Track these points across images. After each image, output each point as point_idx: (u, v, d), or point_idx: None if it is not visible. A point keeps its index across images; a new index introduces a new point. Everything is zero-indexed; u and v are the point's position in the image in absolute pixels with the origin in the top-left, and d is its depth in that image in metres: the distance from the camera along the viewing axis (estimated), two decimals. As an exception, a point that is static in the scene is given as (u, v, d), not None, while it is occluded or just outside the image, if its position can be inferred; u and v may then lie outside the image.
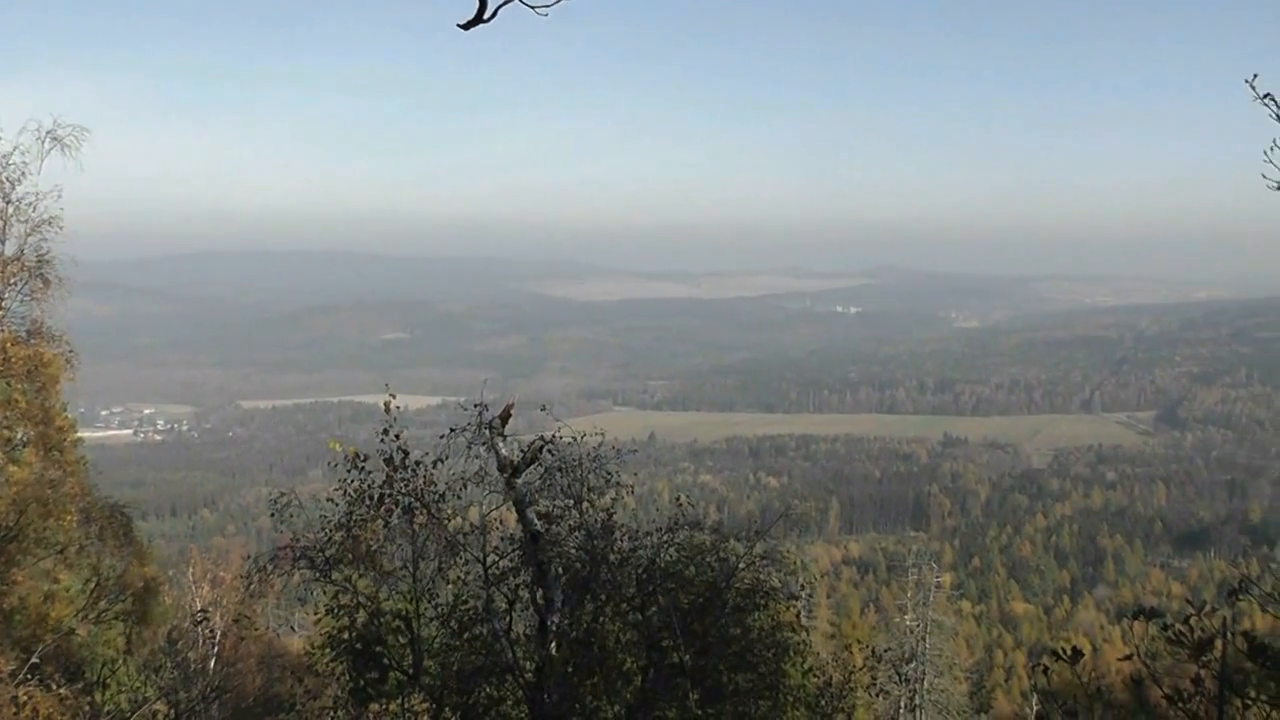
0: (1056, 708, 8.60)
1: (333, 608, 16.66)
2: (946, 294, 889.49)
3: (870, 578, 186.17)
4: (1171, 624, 7.87)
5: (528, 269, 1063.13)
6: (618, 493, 17.30)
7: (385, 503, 16.38)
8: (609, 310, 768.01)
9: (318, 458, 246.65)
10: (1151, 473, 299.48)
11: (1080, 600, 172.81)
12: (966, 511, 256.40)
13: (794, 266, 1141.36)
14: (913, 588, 58.59)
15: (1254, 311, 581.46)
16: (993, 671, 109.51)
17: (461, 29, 5.96)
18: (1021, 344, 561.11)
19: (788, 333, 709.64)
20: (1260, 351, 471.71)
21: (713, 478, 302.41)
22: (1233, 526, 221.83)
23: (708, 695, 16.55)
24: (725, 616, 17.00)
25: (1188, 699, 7.88)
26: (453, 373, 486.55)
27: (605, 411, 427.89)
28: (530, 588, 16.72)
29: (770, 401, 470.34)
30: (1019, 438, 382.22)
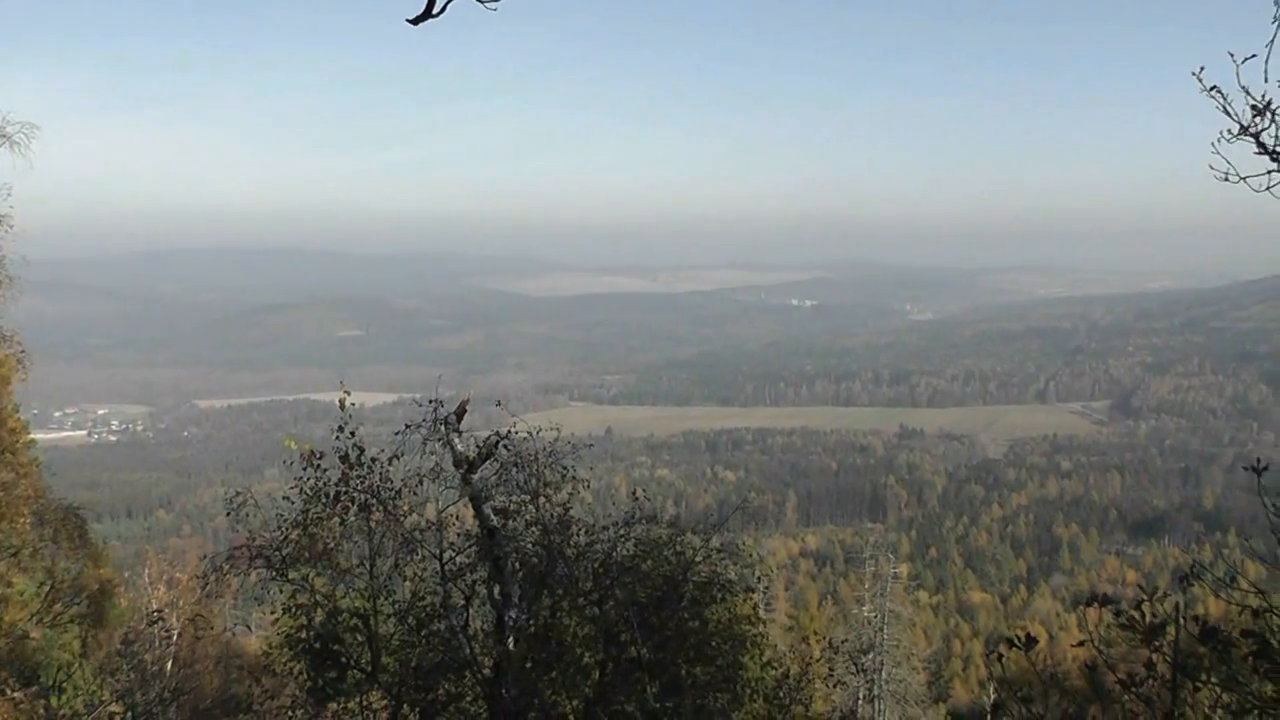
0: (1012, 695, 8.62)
1: (290, 607, 16.59)
2: (901, 286, 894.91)
3: (828, 569, 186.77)
4: (1124, 610, 7.90)
5: (483, 265, 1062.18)
6: (574, 487, 17.27)
7: (341, 500, 16.30)
8: (565, 305, 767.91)
9: (274, 456, 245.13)
10: (1106, 461, 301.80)
11: (1036, 589, 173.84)
12: (923, 502, 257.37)
13: (749, 260, 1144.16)
14: (870, 579, 58.78)
15: (1206, 301, 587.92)
16: (950, 661, 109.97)
17: (411, 24, 5.91)
18: (976, 335, 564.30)
19: (743, 326, 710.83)
20: (1212, 341, 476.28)
21: (670, 472, 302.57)
22: (1186, 514, 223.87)
23: (666, 688, 16.53)
24: (682, 610, 16.97)
25: (1140, 683, 7.91)
26: (409, 369, 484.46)
27: (562, 406, 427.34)
28: (487, 583, 16.67)
29: (726, 395, 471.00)
30: (975, 428, 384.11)
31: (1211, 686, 7.88)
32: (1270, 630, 7.67)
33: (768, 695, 18.31)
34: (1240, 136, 7.62)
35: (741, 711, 17.63)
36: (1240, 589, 8.12)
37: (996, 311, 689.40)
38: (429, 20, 5.85)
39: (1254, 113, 7.54)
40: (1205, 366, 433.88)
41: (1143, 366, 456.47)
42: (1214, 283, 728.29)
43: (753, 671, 18.47)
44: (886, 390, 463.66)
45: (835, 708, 46.85)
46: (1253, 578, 9.57)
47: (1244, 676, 7.76)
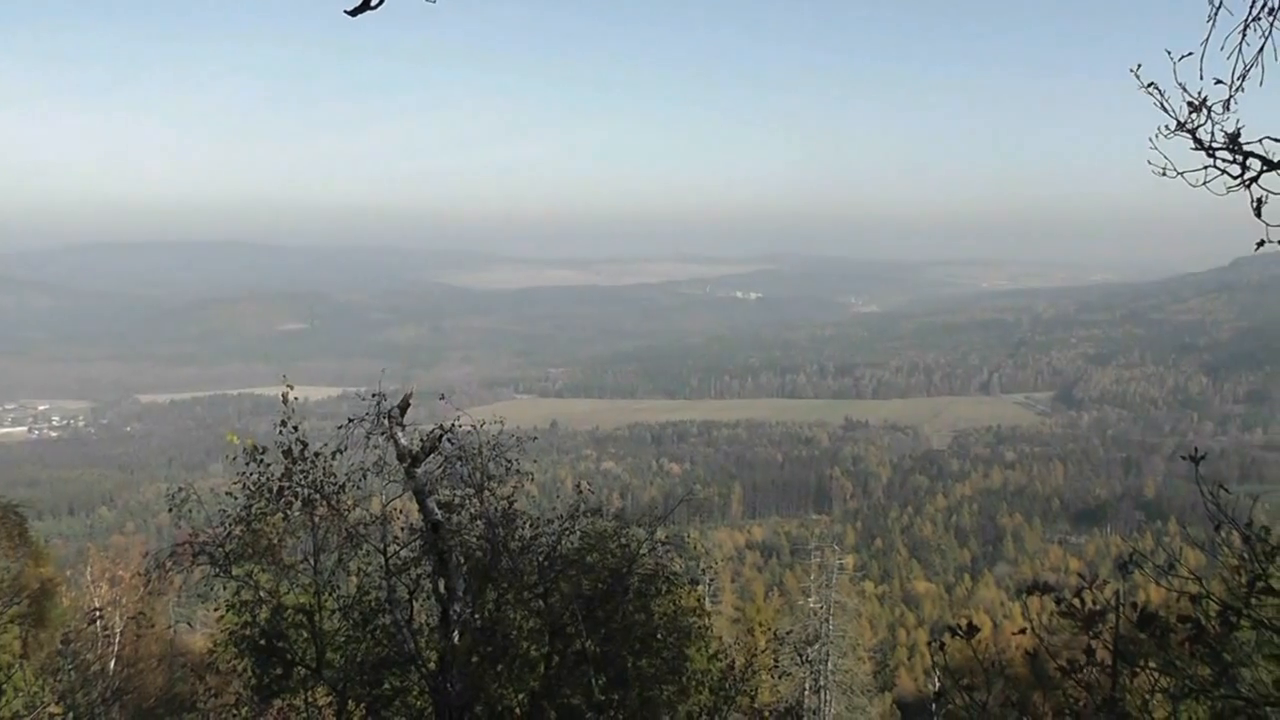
0: (955, 684, 8.72)
1: (234, 604, 16.49)
2: (845, 279, 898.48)
3: (774, 561, 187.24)
4: (1065, 598, 8.02)
5: (426, 258, 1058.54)
6: (519, 481, 17.25)
7: (285, 495, 16.20)
8: (509, 298, 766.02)
9: (218, 452, 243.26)
10: (1049, 452, 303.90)
11: (981, 578, 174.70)
12: (868, 493, 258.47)
13: (693, 253, 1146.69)
14: (816, 570, 59.05)
15: (1147, 294, 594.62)
16: (896, 650, 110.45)
17: (349, 15, 5.92)
18: (920, 328, 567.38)
19: (688, 319, 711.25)
20: (1153, 332, 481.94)
21: (615, 464, 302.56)
22: (1128, 502, 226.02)
23: (612, 681, 16.55)
24: (628, 602, 16.99)
25: (1080, 669, 8.02)
26: (352, 363, 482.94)
27: (507, 400, 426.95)
28: (432, 577, 16.60)
29: (672, 388, 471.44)
30: (919, 420, 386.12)
31: (1150, 671, 8.01)
32: (1207, 616, 7.81)
33: (713, 687, 18.36)
34: (1177, 133, 7.74)
35: (688, 703, 17.67)
36: (1179, 576, 8.24)
37: (940, 304, 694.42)
38: (367, 11, 5.86)
39: (1191, 109, 7.65)
40: (1146, 358, 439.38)
41: (1085, 358, 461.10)
42: (1154, 276, 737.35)
43: (699, 663, 18.51)
44: (831, 382, 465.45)
45: (781, 699, 47.03)
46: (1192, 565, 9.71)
47: (1181, 661, 7.91)
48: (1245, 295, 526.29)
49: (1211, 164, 7.73)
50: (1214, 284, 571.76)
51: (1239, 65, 7.53)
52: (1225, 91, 7.62)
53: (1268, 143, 7.55)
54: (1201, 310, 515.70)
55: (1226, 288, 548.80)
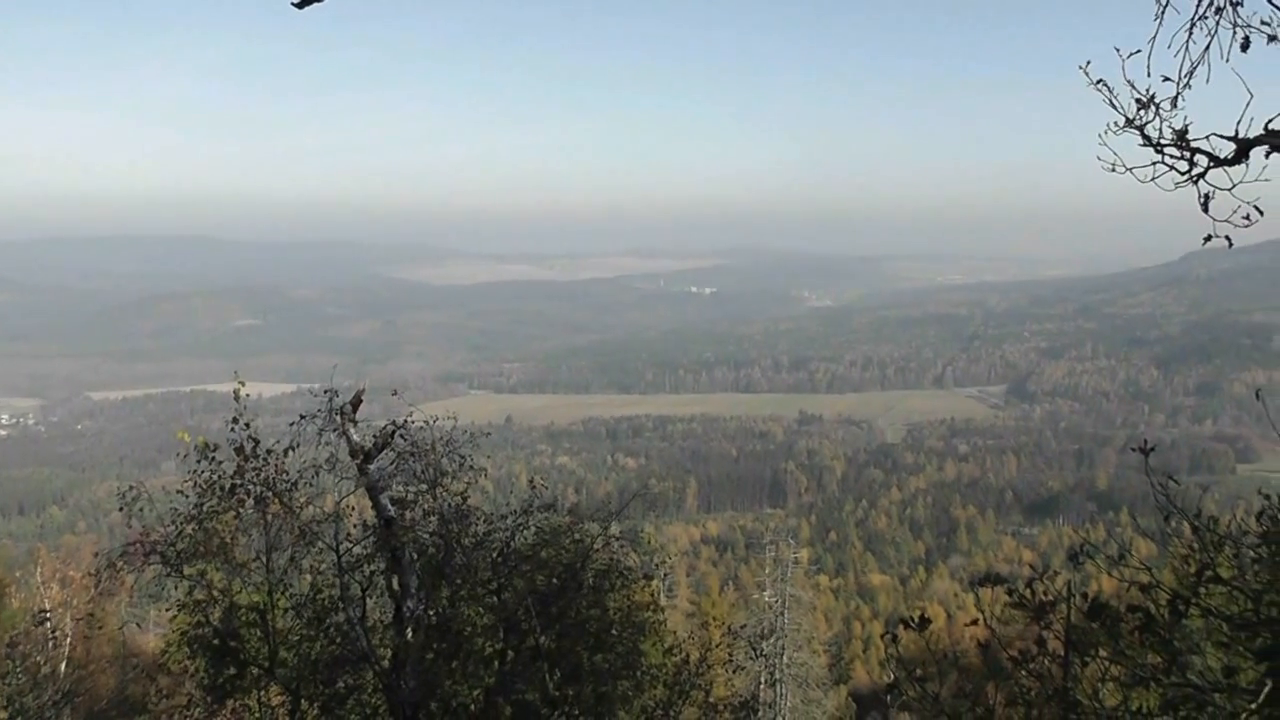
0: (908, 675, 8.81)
1: (186, 603, 16.39)
2: (800, 274, 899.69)
3: (729, 555, 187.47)
4: (1016, 589, 8.12)
5: (380, 253, 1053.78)
6: (473, 476, 17.25)
7: (236, 493, 16.06)
8: (463, 294, 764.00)
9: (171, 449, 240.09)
10: (1002, 444, 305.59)
11: (935, 570, 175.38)
12: (823, 487, 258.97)
13: (647, 248, 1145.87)
14: (771, 564, 59.08)
15: (1099, 288, 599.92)
16: (851, 643, 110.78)
17: (296, 8, 5.93)
18: (874, 322, 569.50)
19: (643, 313, 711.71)
20: (1105, 326, 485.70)
21: (570, 459, 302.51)
22: (1080, 494, 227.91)
23: (567, 676, 16.58)
24: (582, 598, 17.02)
25: (1031, 660, 8.12)
26: (307, 359, 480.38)
27: (461, 395, 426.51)
28: (385, 574, 16.53)
29: (626, 382, 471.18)
30: (873, 414, 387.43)
31: (1100, 660, 8.11)
32: (1156, 605, 7.92)
33: (668, 681, 18.40)
34: (1126, 129, 7.83)
35: (643, 697, 17.72)
36: (1130, 566, 8.35)
37: (894, 298, 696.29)
38: (314, 4, 5.87)
39: (1139, 106, 7.74)
40: (1098, 351, 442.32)
41: (1038, 352, 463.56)
42: (1106, 270, 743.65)
43: (654, 658, 18.57)
44: (786, 377, 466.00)
45: (737, 692, 47.15)
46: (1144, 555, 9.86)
47: (1131, 650, 8.01)
48: (1195, 289, 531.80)
49: (1160, 160, 7.82)
50: (1164, 278, 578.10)
51: (1186, 63, 7.63)
52: (1173, 89, 7.72)
53: (1215, 139, 7.65)
54: (1152, 304, 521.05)
55: (1177, 282, 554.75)
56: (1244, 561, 8.14)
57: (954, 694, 8.96)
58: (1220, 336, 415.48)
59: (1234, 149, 7.53)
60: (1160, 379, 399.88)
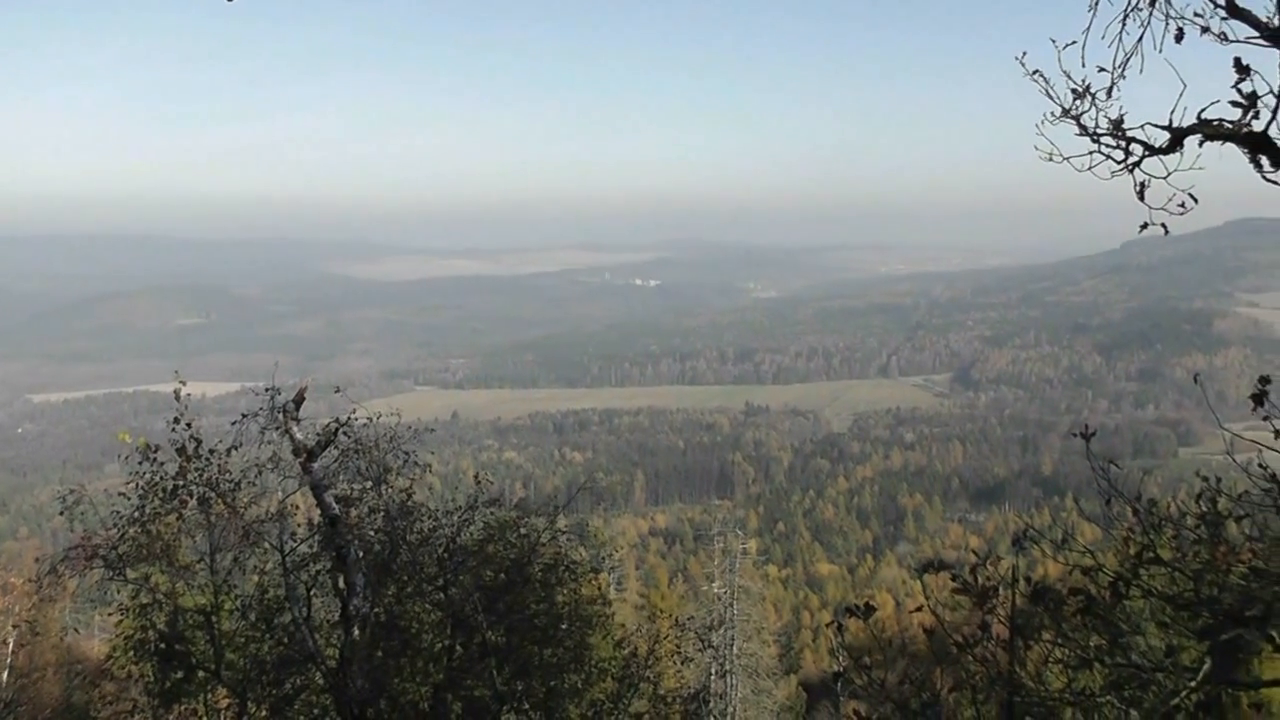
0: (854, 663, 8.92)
1: (131, 607, 16.24)
2: (744, 265, 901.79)
3: (678, 547, 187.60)
4: (961, 575, 8.21)
5: (323, 250, 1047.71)
6: (419, 472, 17.21)
7: (179, 494, 15.90)
8: (408, 289, 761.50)
9: (114, 451, 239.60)
10: (948, 432, 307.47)
11: (883, 558, 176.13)
12: (770, 478, 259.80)
13: (591, 241, 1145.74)
14: (719, 555, 59.28)
15: (1041, 276, 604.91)
16: (800, 633, 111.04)
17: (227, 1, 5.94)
18: (819, 312, 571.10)
19: (587, 307, 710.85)
20: (1047, 314, 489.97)
21: (517, 454, 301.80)
22: (1025, 480, 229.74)
23: (516, 671, 16.57)
24: (530, 592, 17.00)
25: (975, 644, 8.22)
26: (251, 358, 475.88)
27: (407, 392, 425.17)
28: (331, 573, 16.48)
29: (572, 376, 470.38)
30: (819, 404, 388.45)
31: (1044, 643, 8.23)
32: (1098, 586, 8.04)
33: (616, 674, 18.42)
34: (1063, 119, 7.94)
35: (592, 691, 17.75)
36: (1074, 550, 8.46)
37: (839, 289, 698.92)
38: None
39: (1075, 96, 7.85)
40: (1041, 339, 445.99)
41: (982, 340, 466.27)
42: (1047, 259, 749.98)
43: (604, 651, 18.60)
44: (731, 368, 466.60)
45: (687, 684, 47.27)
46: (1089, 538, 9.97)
47: (1074, 632, 8.13)
48: (1135, 276, 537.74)
49: (1096, 149, 7.92)
50: (1105, 266, 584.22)
51: (1120, 53, 7.74)
52: (1108, 79, 7.83)
53: (1149, 129, 7.76)
54: (1094, 292, 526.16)
55: (1118, 269, 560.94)
56: (1184, 543, 8.27)
57: (900, 680, 9.06)
58: (1161, 323, 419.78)
59: (1168, 138, 7.65)
60: (1103, 365, 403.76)
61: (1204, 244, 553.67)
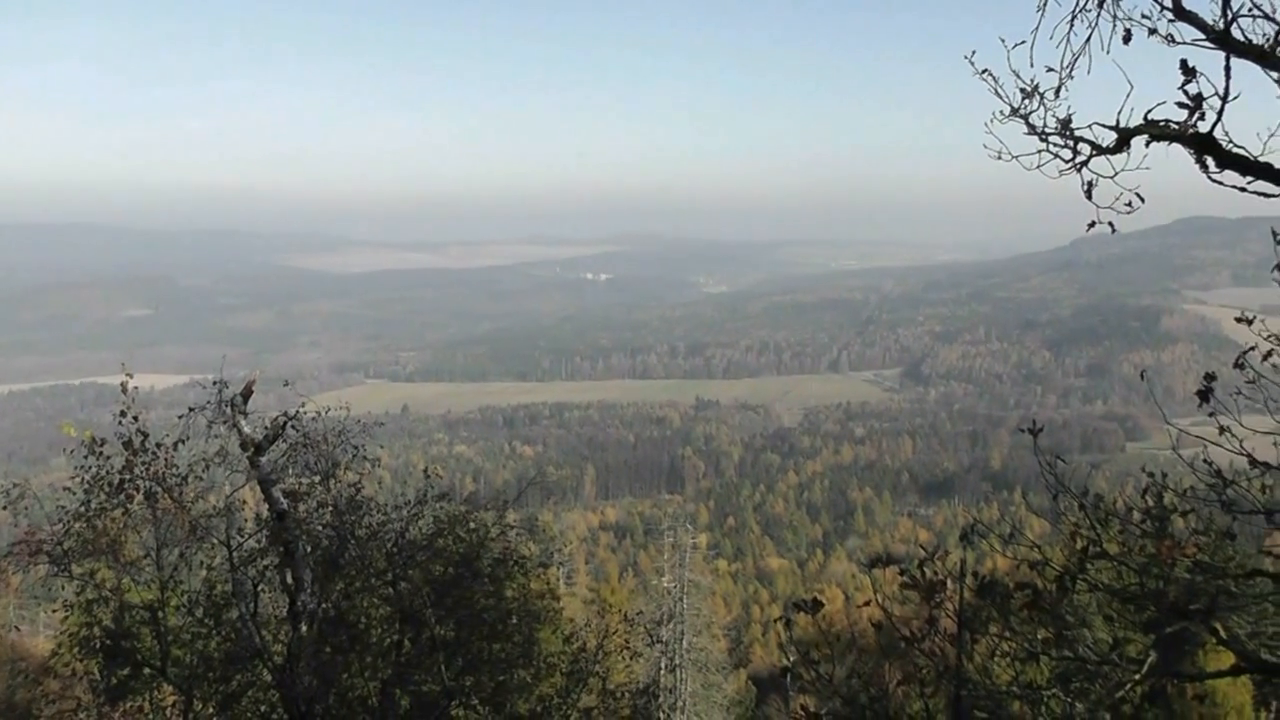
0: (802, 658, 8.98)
1: (77, 604, 16.10)
2: (695, 260, 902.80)
3: (628, 542, 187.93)
4: (909, 569, 8.29)
5: (272, 241, 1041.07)
6: (368, 467, 17.12)
7: (125, 489, 15.76)
8: (358, 282, 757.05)
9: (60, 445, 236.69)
10: (898, 427, 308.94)
11: (833, 552, 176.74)
12: (720, 472, 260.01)
13: (543, 234, 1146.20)
14: (669, 550, 59.34)
15: (991, 273, 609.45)
16: (750, 627, 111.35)
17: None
18: (770, 307, 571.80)
19: (539, 301, 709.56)
20: (997, 310, 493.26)
21: (468, 448, 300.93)
22: (975, 474, 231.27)
23: (466, 666, 16.54)
24: (479, 587, 16.96)
25: (923, 638, 8.30)
26: (200, 350, 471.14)
27: (358, 385, 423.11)
28: (279, 569, 16.36)
29: (523, 370, 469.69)
30: (770, 398, 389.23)
31: (991, 637, 8.31)
32: (1045, 581, 8.13)
33: (565, 669, 18.44)
34: (1012, 118, 8.02)
35: (541, 686, 17.75)
36: (1023, 544, 8.56)
37: (790, 283, 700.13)
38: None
39: (1023, 95, 7.94)
40: (991, 334, 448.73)
41: (932, 335, 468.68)
42: (998, 256, 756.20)
43: (553, 645, 18.62)
44: (682, 362, 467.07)
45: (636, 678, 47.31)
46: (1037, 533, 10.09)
47: (1020, 626, 8.22)
48: (1085, 273, 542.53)
49: (1045, 148, 8.01)
50: (1055, 263, 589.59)
51: (1068, 54, 7.82)
52: (1056, 79, 7.92)
53: (1097, 128, 7.85)
54: (1043, 288, 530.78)
55: (1067, 266, 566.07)
56: (1131, 537, 8.37)
57: (848, 675, 9.14)
58: (1109, 319, 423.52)
59: (1115, 138, 7.73)
60: (1052, 361, 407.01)
61: (1152, 242, 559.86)
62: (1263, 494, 8.13)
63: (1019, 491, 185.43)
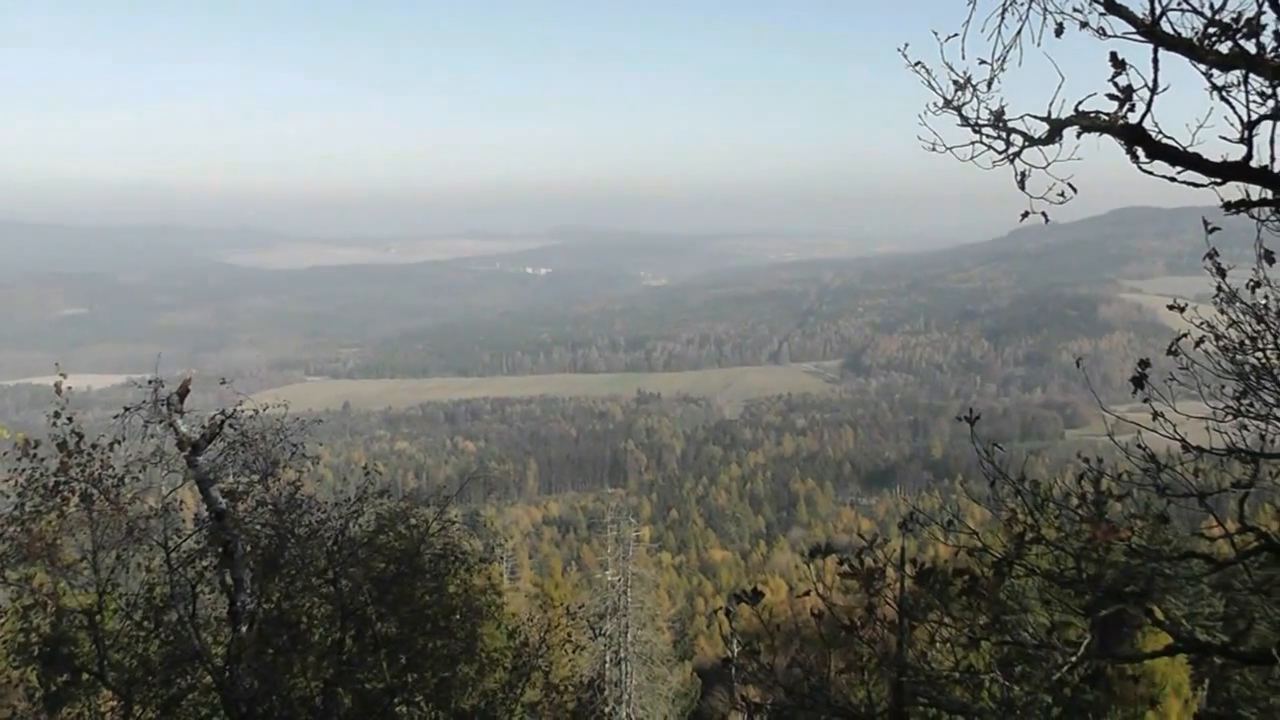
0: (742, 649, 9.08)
1: (12, 610, 15.89)
2: (634, 253, 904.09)
3: (571, 536, 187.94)
4: (848, 559, 8.37)
5: (209, 237, 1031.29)
6: (308, 464, 17.02)
7: (61, 491, 15.52)
8: (297, 278, 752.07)
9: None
10: (839, 418, 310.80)
11: (776, 543, 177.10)
12: (663, 465, 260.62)
13: (481, 229, 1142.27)
14: (613, 543, 59.36)
15: (930, 263, 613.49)
16: (695, 619, 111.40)
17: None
18: (710, 300, 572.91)
19: (478, 295, 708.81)
20: (936, 300, 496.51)
21: (409, 444, 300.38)
22: (916, 463, 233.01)
23: (409, 663, 16.51)
24: (421, 583, 16.93)
25: (862, 627, 8.38)
26: (137, 349, 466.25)
27: (297, 382, 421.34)
28: (218, 569, 16.27)
29: (464, 365, 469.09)
30: (711, 391, 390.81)
31: (931, 624, 8.41)
32: (983, 567, 8.24)
33: (508, 665, 18.42)
34: (944, 109, 8.10)
35: (485, 681, 17.75)
36: (963, 531, 8.66)
37: (730, 276, 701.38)
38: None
39: (956, 88, 8.01)
40: (930, 325, 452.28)
41: (872, 326, 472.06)
42: (936, 246, 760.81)
43: (496, 641, 18.62)
44: (623, 356, 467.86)
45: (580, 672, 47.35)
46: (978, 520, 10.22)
47: (960, 612, 8.32)
48: (1023, 264, 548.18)
49: (978, 139, 8.10)
50: (993, 254, 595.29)
51: (999, 47, 7.92)
52: (989, 71, 8.01)
53: (1029, 120, 7.95)
54: (982, 279, 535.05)
55: (1005, 257, 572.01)
56: (1068, 522, 8.48)
57: (790, 664, 9.20)
58: (1047, 308, 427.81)
59: (1047, 129, 7.82)
60: (991, 350, 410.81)
61: (1089, 232, 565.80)
62: (1196, 477, 8.26)
63: (960, 480, 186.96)
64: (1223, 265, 8.43)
